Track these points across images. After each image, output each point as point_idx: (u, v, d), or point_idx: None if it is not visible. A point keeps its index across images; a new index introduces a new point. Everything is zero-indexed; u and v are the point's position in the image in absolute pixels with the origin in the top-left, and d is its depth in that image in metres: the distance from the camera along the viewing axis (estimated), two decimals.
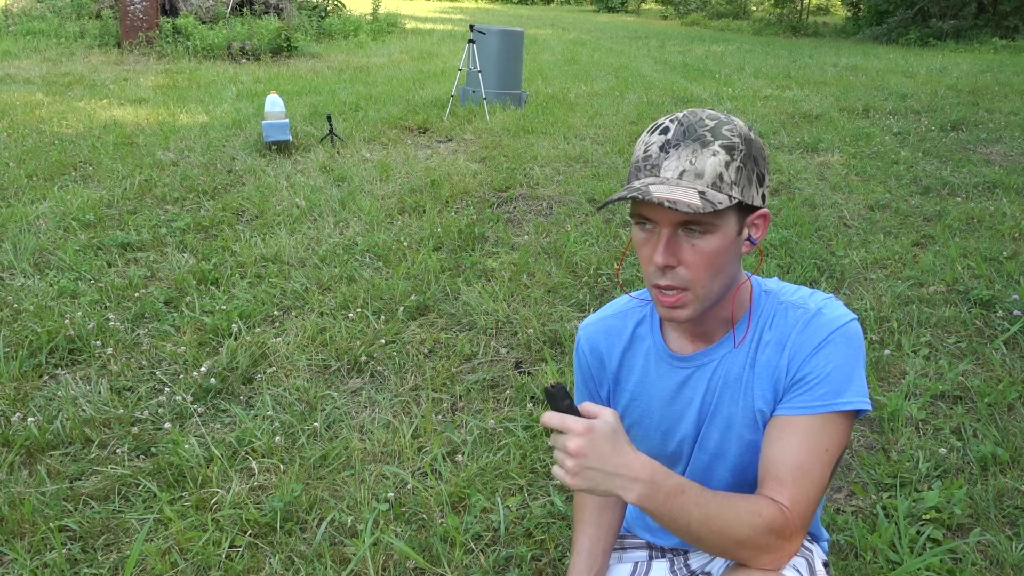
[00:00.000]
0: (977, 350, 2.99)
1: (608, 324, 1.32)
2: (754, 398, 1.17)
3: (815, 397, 1.11)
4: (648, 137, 1.09)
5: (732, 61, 13.31)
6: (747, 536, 1.04)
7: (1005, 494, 2.16)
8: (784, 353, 1.14)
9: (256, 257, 3.83)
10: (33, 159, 5.48)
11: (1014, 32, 18.29)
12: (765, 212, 1.12)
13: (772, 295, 1.19)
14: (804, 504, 1.08)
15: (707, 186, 1.04)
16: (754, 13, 29.84)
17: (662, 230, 1.07)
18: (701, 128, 1.06)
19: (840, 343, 1.11)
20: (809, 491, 1.08)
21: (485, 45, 7.90)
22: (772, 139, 6.71)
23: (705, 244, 1.06)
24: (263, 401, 2.62)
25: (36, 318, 3.07)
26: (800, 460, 1.09)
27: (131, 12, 11.54)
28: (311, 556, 1.93)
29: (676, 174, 1.05)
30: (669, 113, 1.11)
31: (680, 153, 1.05)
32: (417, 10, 25.98)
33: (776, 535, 1.05)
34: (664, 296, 1.10)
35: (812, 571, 1.17)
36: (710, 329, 1.20)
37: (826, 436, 1.10)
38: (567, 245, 3.97)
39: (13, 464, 2.27)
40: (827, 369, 1.10)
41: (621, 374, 1.30)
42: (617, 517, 1.41)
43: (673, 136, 1.07)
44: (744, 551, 1.06)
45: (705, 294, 1.09)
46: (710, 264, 1.07)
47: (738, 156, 1.06)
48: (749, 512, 1.04)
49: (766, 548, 1.06)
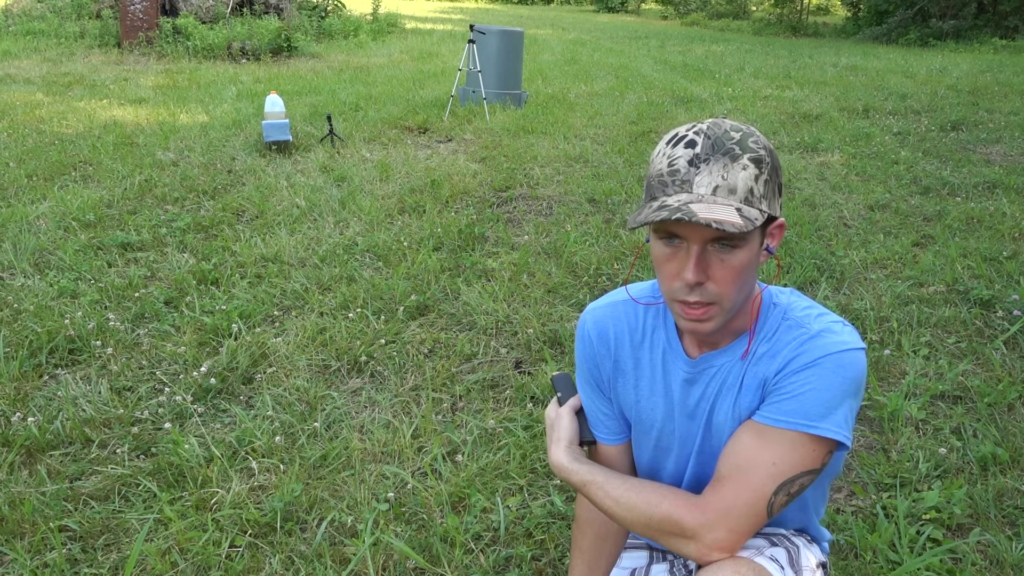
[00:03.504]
0: (977, 350, 2.99)
1: (618, 311, 1.30)
2: (741, 407, 1.17)
3: (780, 412, 1.10)
4: (671, 150, 1.06)
5: (732, 61, 13.31)
6: (664, 529, 1.13)
7: (1005, 494, 2.17)
8: (772, 367, 1.14)
9: (256, 257, 3.83)
10: (33, 159, 5.48)
11: (1014, 32, 18.29)
12: (782, 222, 1.12)
13: (779, 309, 1.18)
14: (732, 504, 1.09)
15: (740, 202, 1.02)
16: (754, 13, 29.84)
17: (691, 246, 1.04)
18: (729, 141, 1.04)
19: (828, 368, 1.08)
20: (741, 494, 1.09)
21: (485, 45, 7.90)
22: (772, 139, 6.71)
23: (735, 259, 1.05)
24: (263, 401, 2.62)
25: (36, 318, 3.07)
26: (741, 462, 1.11)
27: (131, 12, 11.54)
28: (311, 556, 1.93)
29: (709, 190, 1.02)
30: (687, 123, 1.09)
31: (711, 168, 1.03)
32: (417, 10, 25.98)
33: (684, 528, 1.11)
34: (690, 310, 1.08)
35: (795, 566, 1.17)
36: (717, 337, 1.19)
37: (779, 451, 1.09)
38: (567, 245, 3.97)
39: (13, 464, 2.27)
40: (802, 389, 1.09)
41: (627, 364, 1.29)
42: (617, 547, 1.42)
43: (702, 150, 1.04)
44: (668, 543, 1.14)
45: (731, 307, 1.08)
46: (738, 278, 1.06)
47: (765, 169, 1.04)
48: (655, 503, 1.14)
49: (681, 541, 1.12)
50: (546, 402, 2.62)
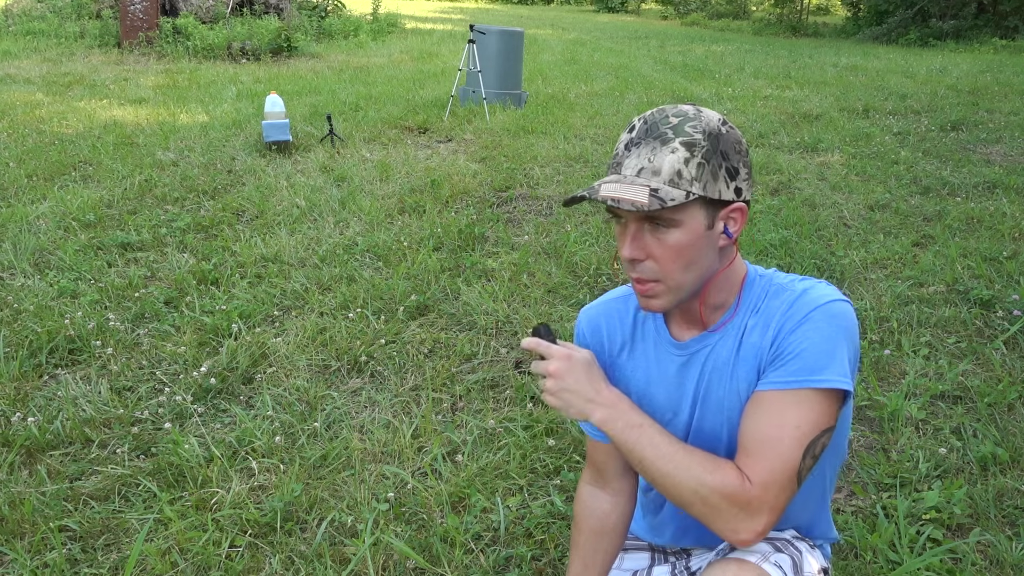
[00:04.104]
0: (977, 350, 2.99)
1: (609, 307, 1.34)
2: (739, 380, 1.18)
3: (788, 373, 1.11)
4: (621, 135, 1.15)
5: (732, 61, 13.31)
6: (695, 489, 1.07)
7: (1005, 494, 2.17)
8: (767, 334, 1.15)
9: (256, 257, 3.83)
10: (33, 159, 5.48)
11: (1014, 32, 18.28)
12: (740, 206, 1.13)
13: (764, 279, 1.21)
14: (769, 478, 1.07)
15: (663, 183, 1.07)
16: (754, 13, 29.83)
17: (629, 225, 1.12)
18: (664, 126, 1.10)
19: (820, 321, 1.11)
20: (775, 466, 1.08)
21: (485, 45, 7.90)
22: (772, 139, 6.71)
23: (670, 238, 1.10)
24: (263, 401, 2.62)
25: (36, 318, 3.07)
26: (767, 434, 1.09)
27: (131, 12, 11.54)
28: (311, 556, 1.93)
29: (635, 172, 1.09)
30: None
31: (640, 151, 1.10)
32: (417, 10, 25.98)
33: (729, 501, 1.06)
34: (637, 286, 1.16)
35: (799, 573, 1.16)
36: (704, 317, 1.21)
37: (798, 413, 1.09)
38: (567, 245, 3.98)
39: (13, 464, 2.27)
40: (803, 345, 1.10)
41: (621, 357, 1.31)
42: (614, 543, 1.40)
43: (636, 134, 1.11)
44: (696, 507, 1.08)
45: (677, 285, 1.13)
46: (677, 257, 1.11)
47: (699, 152, 1.08)
48: (701, 466, 1.09)
49: (719, 512, 1.07)
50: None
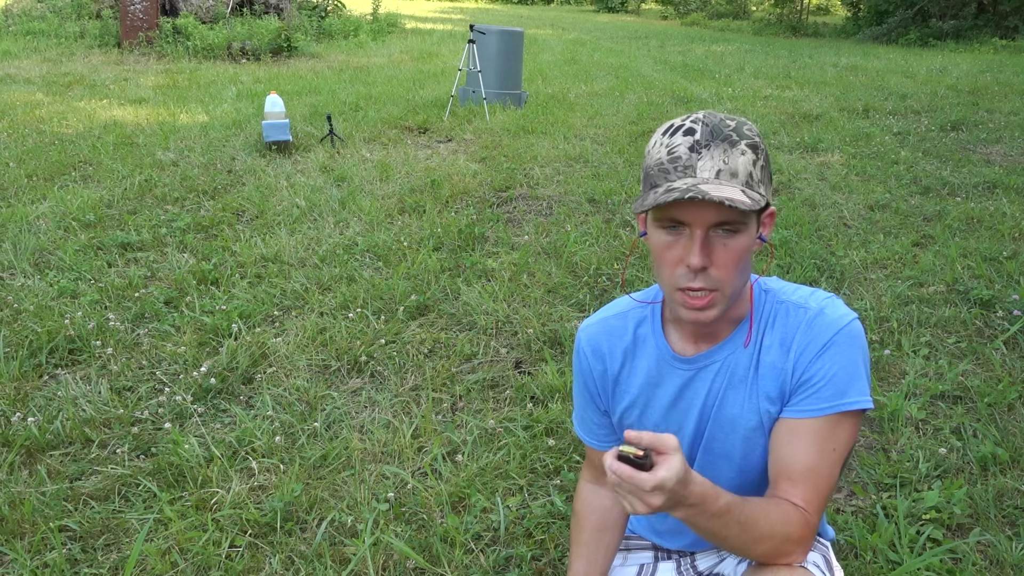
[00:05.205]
0: (977, 350, 2.99)
1: (609, 325, 1.31)
2: (759, 399, 1.17)
3: (822, 399, 1.12)
4: (668, 139, 1.07)
5: (732, 61, 13.31)
6: (777, 544, 1.08)
7: (1005, 494, 2.16)
8: (789, 355, 1.15)
9: (256, 257, 3.83)
10: (33, 159, 5.48)
11: (1014, 32, 18.28)
12: (773, 210, 1.14)
13: (772, 294, 1.20)
14: (817, 503, 1.12)
15: (742, 185, 1.05)
16: (754, 13, 29.82)
17: (695, 231, 1.05)
18: (726, 128, 1.06)
19: (843, 344, 1.13)
20: (821, 490, 1.12)
21: (485, 45, 7.90)
22: (772, 139, 6.71)
23: (736, 243, 1.06)
24: (263, 401, 2.62)
25: (36, 318, 3.07)
26: (811, 462, 1.12)
27: (131, 12, 11.54)
28: (311, 556, 1.93)
29: (712, 174, 1.04)
30: (680, 115, 1.11)
31: (712, 153, 1.05)
32: (417, 10, 25.97)
33: (797, 539, 1.09)
34: (693, 299, 1.08)
35: (830, 566, 1.20)
36: (715, 330, 1.20)
37: (834, 437, 1.12)
38: (567, 245, 3.97)
39: (13, 464, 2.27)
40: (832, 371, 1.12)
41: (622, 375, 1.30)
42: (615, 538, 1.41)
43: (701, 136, 1.06)
44: (768, 553, 1.09)
45: (732, 293, 1.10)
46: (738, 262, 1.07)
47: (761, 155, 1.08)
48: (782, 522, 1.08)
49: (787, 551, 1.09)
50: (546, 402, 2.62)
